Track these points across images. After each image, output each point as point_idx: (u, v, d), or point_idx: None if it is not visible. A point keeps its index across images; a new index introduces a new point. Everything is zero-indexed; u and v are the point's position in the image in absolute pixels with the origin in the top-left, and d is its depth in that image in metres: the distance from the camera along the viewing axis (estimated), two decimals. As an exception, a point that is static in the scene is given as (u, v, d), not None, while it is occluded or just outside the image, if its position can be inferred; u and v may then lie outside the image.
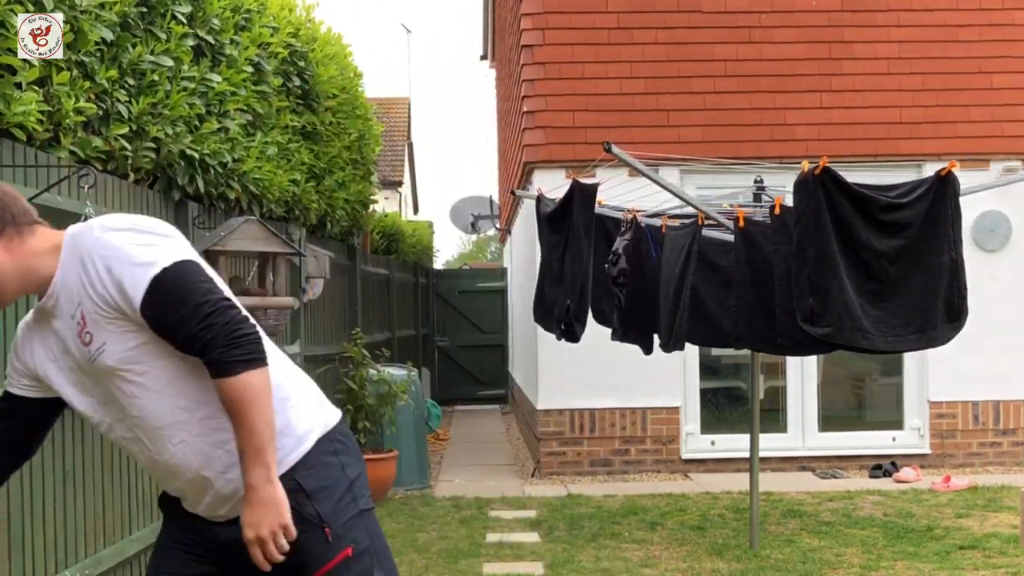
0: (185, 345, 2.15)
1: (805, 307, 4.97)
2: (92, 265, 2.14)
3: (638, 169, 5.70)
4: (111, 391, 2.23)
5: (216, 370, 2.14)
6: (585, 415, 8.60)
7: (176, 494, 2.38)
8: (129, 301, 2.13)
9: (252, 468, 2.14)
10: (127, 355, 2.19)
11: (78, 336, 2.18)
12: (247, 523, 2.16)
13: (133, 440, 2.28)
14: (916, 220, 5.08)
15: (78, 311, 2.17)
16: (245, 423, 2.14)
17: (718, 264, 5.93)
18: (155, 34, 4.63)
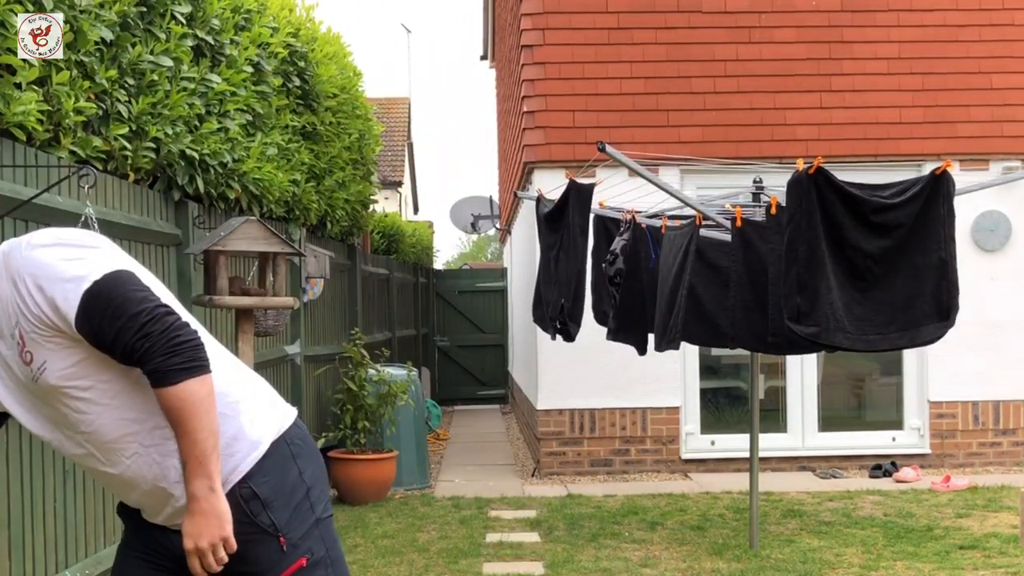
0: (124, 358, 2.08)
1: (792, 306, 4.98)
2: (24, 285, 2.07)
3: (633, 169, 5.71)
4: (59, 409, 2.15)
5: (155, 380, 2.08)
6: (585, 415, 8.60)
7: (135, 506, 2.32)
8: (64, 318, 2.06)
9: (194, 479, 2.10)
10: (69, 371, 2.11)
11: (19, 356, 2.10)
12: (187, 533, 2.13)
13: (86, 456, 2.21)
14: (907, 220, 5.09)
15: (16, 331, 2.09)
16: (187, 432, 2.09)
17: (718, 264, 5.93)
18: (155, 34, 4.63)
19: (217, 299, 4.45)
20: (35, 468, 3.72)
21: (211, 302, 4.47)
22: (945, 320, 5.17)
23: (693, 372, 8.73)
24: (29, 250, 2.09)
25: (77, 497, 4.04)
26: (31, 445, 3.70)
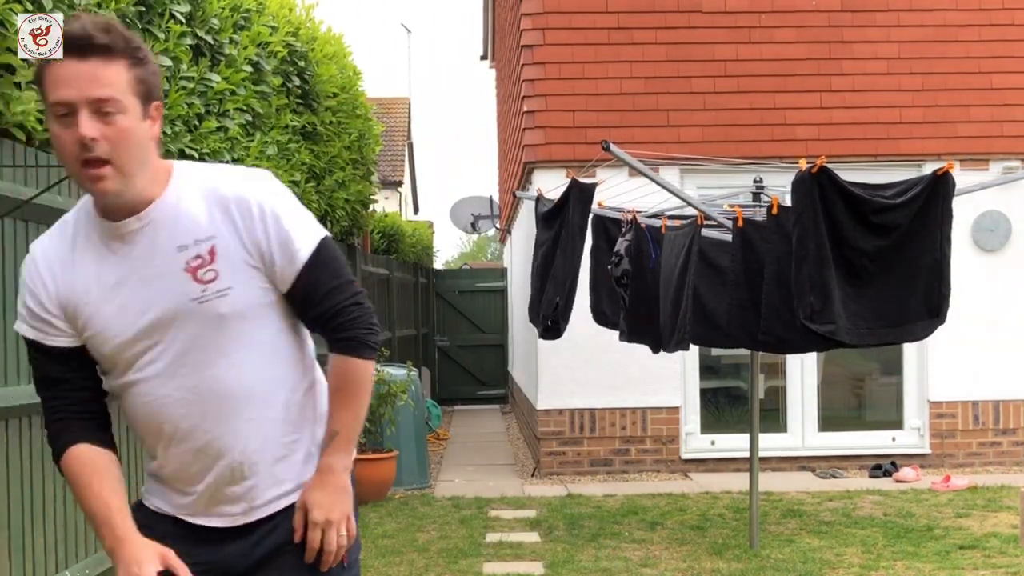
0: (324, 315, 2.07)
1: (806, 304, 4.97)
2: (255, 208, 1.99)
3: (636, 168, 5.70)
4: (198, 341, 2.00)
5: (351, 348, 2.09)
6: (585, 415, 8.60)
7: (181, 486, 2.09)
8: (289, 254, 2.01)
9: (338, 451, 2.08)
10: (249, 308, 2.02)
11: (190, 270, 1.97)
12: (318, 504, 2.06)
13: (184, 403, 2.02)
14: (905, 221, 5.10)
15: (203, 246, 1.97)
16: (351, 407, 2.10)
17: (719, 264, 5.93)
18: (153, 33, 4.63)
19: (217, 299, 4.45)
20: (35, 469, 3.72)
21: (211, 302, 4.47)
22: (935, 317, 5.19)
23: (693, 372, 8.72)
24: (259, 182, 2.06)
25: (77, 497, 4.04)
26: (31, 446, 3.70)
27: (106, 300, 2.00)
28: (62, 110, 1.87)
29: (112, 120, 1.88)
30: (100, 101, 1.87)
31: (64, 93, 1.87)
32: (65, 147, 1.89)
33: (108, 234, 2.00)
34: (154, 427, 2.06)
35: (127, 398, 2.07)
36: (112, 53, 1.88)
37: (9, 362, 3.56)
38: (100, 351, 2.03)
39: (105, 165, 1.88)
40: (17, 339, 3.61)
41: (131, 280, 1.99)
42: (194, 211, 1.99)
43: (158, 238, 1.99)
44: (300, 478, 2.11)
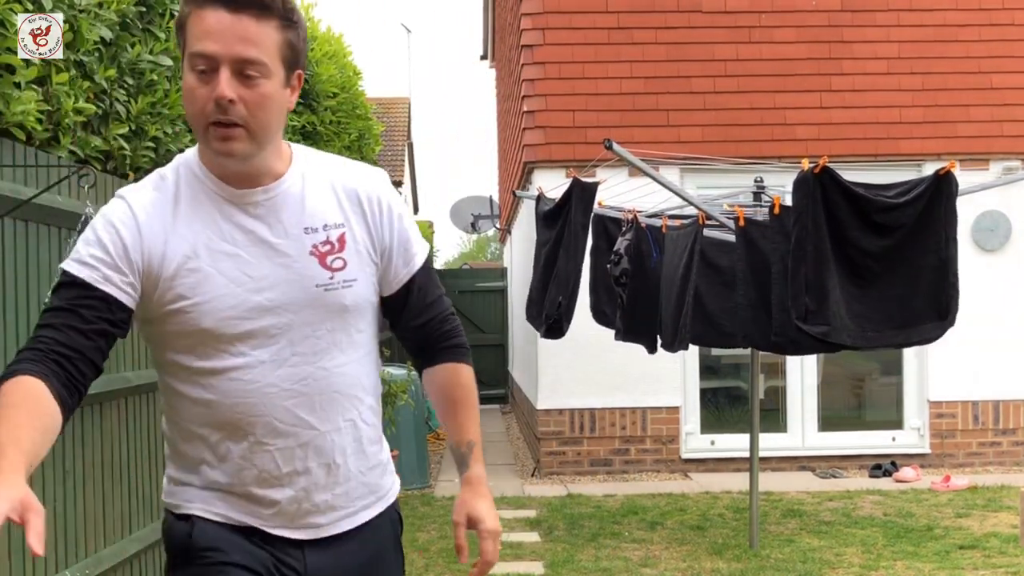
0: (430, 323, 2.02)
1: (800, 305, 4.98)
2: (385, 205, 1.93)
3: (639, 167, 5.70)
4: (316, 329, 1.87)
5: (461, 355, 2.05)
6: (585, 415, 8.60)
7: (262, 491, 1.89)
8: (408, 257, 1.96)
9: (480, 462, 2.01)
10: (365, 304, 1.93)
11: (318, 255, 1.86)
12: (487, 514, 1.97)
13: (291, 394, 1.85)
14: (909, 221, 5.09)
15: (333, 232, 1.87)
16: (475, 415, 2.05)
17: (718, 264, 5.94)
18: (154, 33, 4.63)
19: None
20: (35, 469, 3.72)
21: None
22: (944, 319, 5.17)
23: (693, 372, 8.72)
24: (386, 181, 1.99)
25: (77, 497, 4.04)
26: (31, 445, 3.70)
27: (217, 269, 1.81)
28: (202, 64, 1.73)
29: (254, 84, 1.75)
30: (246, 62, 1.73)
31: (209, 46, 1.72)
32: (196, 102, 1.75)
33: (227, 200, 1.84)
34: (244, 420, 1.84)
35: (218, 384, 1.83)
36: (267, 11, 1.75)
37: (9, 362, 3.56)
38: (196, 324, 1.81)
39: (237, 127, 1.75)
40: (17, 338, 3.61)
41: (249, 253, 1.83)
42: (323, 196, 1.89)
43: (282, 216, 1.85)
44: (379, 490, 2.01)
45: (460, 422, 2.03)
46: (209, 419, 1.85)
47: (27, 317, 3.69)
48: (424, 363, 2.06)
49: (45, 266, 3.81)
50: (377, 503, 2.00)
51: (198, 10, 1.74)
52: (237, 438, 1.85)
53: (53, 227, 3.88)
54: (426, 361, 2.06)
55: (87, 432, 4.17)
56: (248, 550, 1.89)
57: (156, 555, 4.92)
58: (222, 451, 1.87)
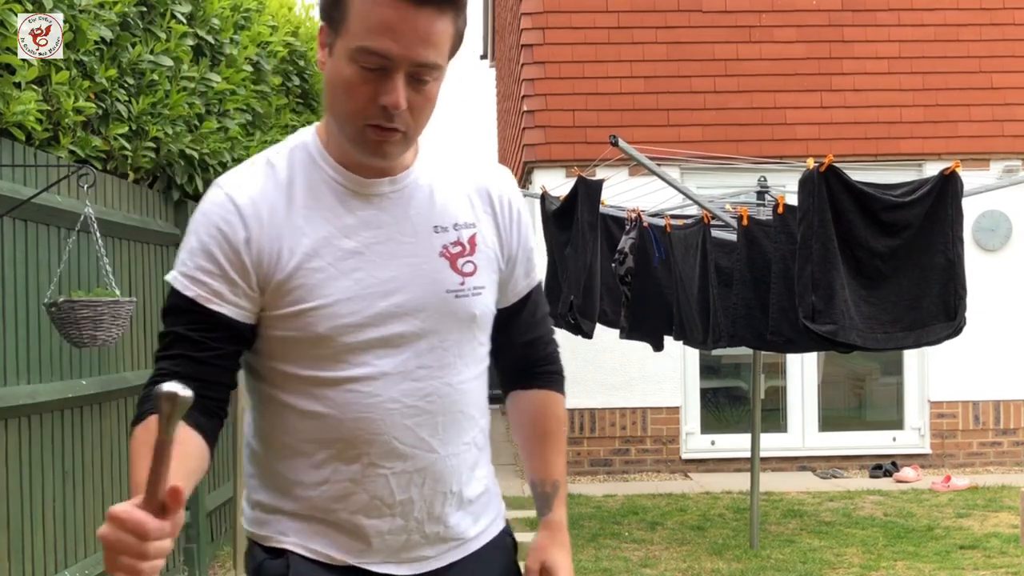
0: (536, 342, 1.84)
1: (807, 304, 4.96)
2: (516, 209, 1.75)
3: (645, 165, 5.67)
4: (443, 340, 1.66)
5: (558, 383, 1.87)
6: (585, 415, 8.59)
7: (367, 521, 1.66)
8: (529, 268, 1.79)
9: (563, 505, 1.82)
10: (489, 315, 1.73)
11: (449, 257, 1.65)
12: (564, 566, 1.79)
13: (414, 412, 1.63)
14: (916, 220, 5.07)
15: (464, 233, 1.67)
16: (563, 451, 1.86)
17: (718, 264, 5.92)
18: (155, 33, 4.63)
19: (217, 299, 4.44)
20: (35, 469, 3.71)
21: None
22: (952, 320, 5.15)
23: (693, 372, 8.72)
24: (513, 181, 1.80)
25: (76, 498, 4.04)
26: (31, 446, 3.69)
27: (339, 270, 1.59)
28: (373, 62, 1.50)
29: (423, 89, 1.54)
30: (423, 66, 1.52)
31: (387, 45, 1.49)
32: (357, 100, 1.53)
33: (350, 190, 1.62)
34: (361, 439, 1.62)
35: (334, 396, 1.61)
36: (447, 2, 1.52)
37: (9, 362, 3.56)
38: (313, 330, 1.58)
39: (396, 132, 1.55)
40: (17, 339, 3.61)
41: (374, 250, 1.61)
42: (452, 191, 1.69)
43: (410, 211, 1.64)
44: (488, 516, 1.79)
45: (548, 458, 1.84)
46: (319, 435, 1.62)
47: (27, 317, 3.68)
48: (516, 385, 1.86)
49: (45, 266, 3.81)
50: (487, 530, 1.78)
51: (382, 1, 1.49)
52: (348, 459, 1.62)
53: (53, 227, 3.88)
54: (519, 383, 1.86)
55: (87, 432, 4.17)
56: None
57: (156, 555, 4.91)
58: (327, 472, 1.63)
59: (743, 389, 8.96)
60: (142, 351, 4.78)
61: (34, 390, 3.67)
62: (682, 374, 8.63)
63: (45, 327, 3.74)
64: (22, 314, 3.64)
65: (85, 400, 4.09)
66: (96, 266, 4.07)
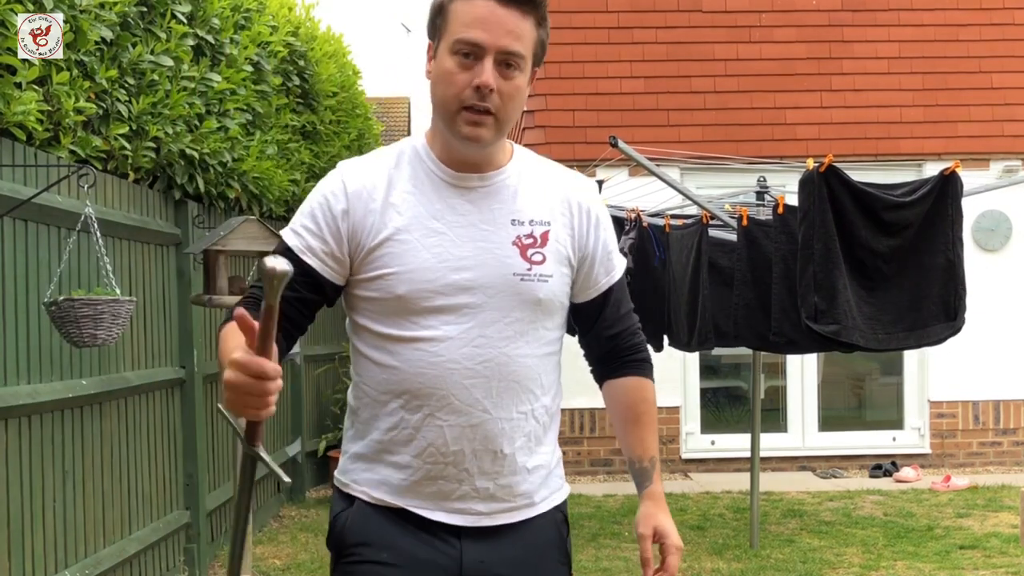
0: (622, 334, 2.10)
1: (810, 304, 4.95)
2: (596, 213, 2.03)
3: (644, 165, 5.68)
4: (505, 316, 1.91)
5: (647, 370, 2.15)
6: (585, 415, 8.59)
7: (440, 467, 1.91)
8: (609, 265, 2.04)
9: (660, 478, 2.10)
10: (556, 302, 1.98)
11: (519, 246, 1.92)
12: (671, 530, 2.10)
13: (472, 373, 1.89)
14: (916, 220, 5.07)
15: (538, 228, 1.94)
16: (655, 430, 2.16)
17: (719, 264, 5.93)
18: (155, 33, 4.63)
19: (217, 299, 4.45)
20: (35, 468, 3.72)
21: (211, 302, 4.47)
22: (952, 321, 5.15)
23: (693, 372, 8.72)
24: (595, 190, 2.09)
25: (76, 497, 4.04)
26: (31, 446, 3.70)
27: (423, 244, 1.88)
28: (467, 49, 1.82)
29: (511, 75, 1.84)
30: (510, 54, 1.83)
31: (478, 34, 1.81)
32: (455, 86, 1.83)
33: (446, 181, 1.92)
34: (423, 391, 1.88)
35: (403, 352, 1.88)
36: (531, 7, 1.85)
37: (9, 362, 3.56)
38: (393, 291, 1.87)
39: (488, 115, 1.84)
40: (17, 338, 3.61)
41: (455, 231, 1.90)
42: (535, 193, 1.96)
43: (493, 204, 1.93)
44: (544, 491, 2.01)
45: (643, 437, 2.12)
46: (389, 386, 1.91)
47: (27, 317, 3.69)
48: (608, 374, 2.13)
49: (45, 266, 3.81)
50: (541, 503, 2.00)
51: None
52: (412, 408, 1.89)
53: (53, 227, 3.88)
54: (611, 372, 2.13)
55: (87, 432, 4.17)
56: (399, 547, 1.92)
57: (156, 555, 4.92)
58: (395, 419, 1.91)
59: (743, 389, 8.96)
60: (142, 351, 4.79)
61: (34, 390, 3.67)
62: (682, 374, 8.63)
63: (45, 327, 3.74)
64: (22, 314, 3.64)
65: (85, 400, 4.09)
66: (96, 266, 4.07)
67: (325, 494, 7.63)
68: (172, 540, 5.09)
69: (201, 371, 5.39)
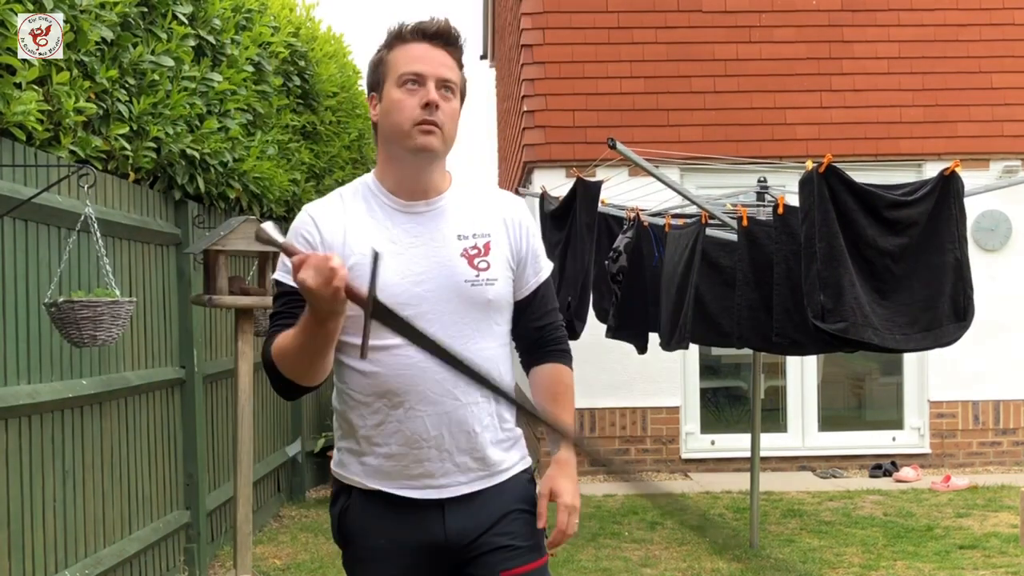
0: (545, 327, 2.41)
1: (816, 303, 4.94)
2: (526, 223, 2.37)
3: (642, 166, 5.68)
4: (463, 317, 2.25)
5: (564, 359, 2.43)
6: (585, 415, 8.59)
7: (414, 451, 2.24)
8: (537, 268, 2.38)
9: (570, 448, 2.37)
10: (503, 301, 2.31)
11: (467, 257, 2.26)
12: (567, 490, 2.31)
13: (442, 368, 2.18)
14: (920, 219, 5.06)
15: (480, 240, 2.28)
16: (571, 409, 2.45)
17: (720, 264, 5.92)
18: (156, 34, 4.63)
19: (217, 299, 4.45)
20: (35, 468, 3.72)
21: (211, 302, 4.47)
22: (962, 320, 5.14)
23: (693, 372, 8.72)
24: (523, 206, 2.43)
25: (76, 497, 4.04)
26: (31, 446, 3.70)
27: (385, 264, 2.12)
28: (412, 78, 2.22)
29: (449, 98, 2.25)
30: (446, 81, 2.24)
31: (421, 67, 2.23)
32: (405, 109, 2.22)
33: (396, 209, 2.27)
34: (402, 389, 2.20)
35: (383, 359, 2.20)
36: (454, 48, 2.28)
37: (9, 362, 3.56)
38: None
39: (437, 127, 2.22)
40: (17, 338, 3.62)
41: (410, 251, 2.23)
42: (474, 211, 2.31)
43: (440, 224, 2.27)
44: (511, 460, 2.33)
45: (558, 413, 2.39)
46: (373, 388, 2.22)
47: (27, 317, 3.69)
48: (533, 361, 2.44)
49: (44, 266, 3.81)
50: (510, 469, 2.33)
51: (403, 44, 2.26)
52: (394, 404, 2.22)
53: (53, 227, 3.88)
54: (536, 359, 2.43)
55: (87, 432, 4.17)
56: (392, 535, 2.26)
57: (156, 555, 4.92)
58: (380, 417, 2.23)
59: (743, 389, 8.97)
60: (142, 351, 4.79)
61: (34, 390, 3.67)
62: (682, 374, 8.63)
63: (45, 327, 3.75)
64: (22, 314, 3.65)
65: (85, 400, 4.09)
66: (96, 266, 4.07)
67: (325, 494, 7.63)
68: (172, 540, 5.10)
69: (201, 371, 5.39)
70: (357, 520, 2.29)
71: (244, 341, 4.61)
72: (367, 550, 2.28)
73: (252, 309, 4.70)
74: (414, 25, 2.28)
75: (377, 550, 2.27)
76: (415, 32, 2.26)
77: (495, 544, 2.27)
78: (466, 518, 2.26)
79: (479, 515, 2.27)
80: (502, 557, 2.27)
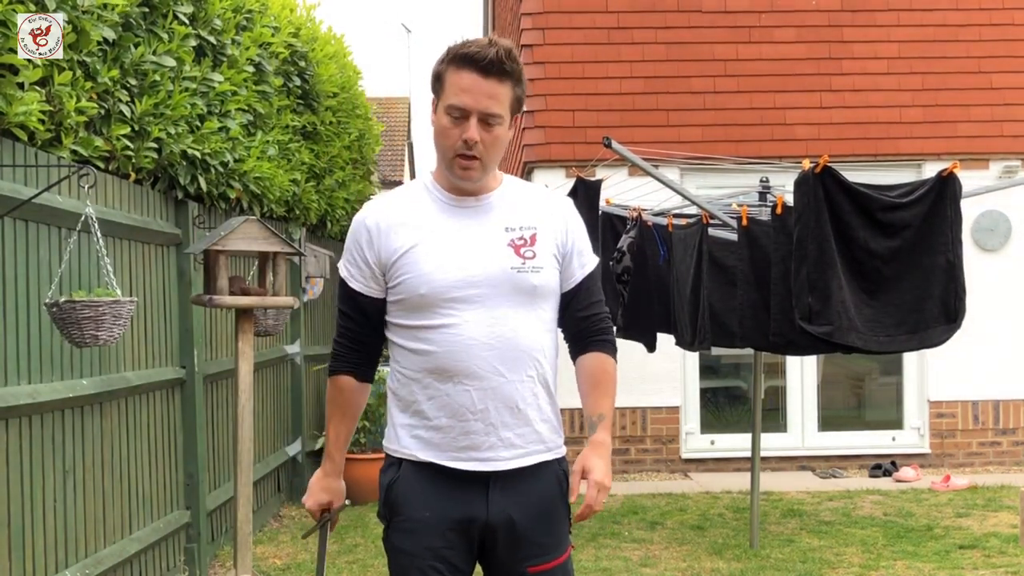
0: (590, 317, 2.56)
1: (803, 305, 4.96)
2: (572, 220, 2.54)
3: (638, 165, 5.69)
4: (509, 300, 2.42)
5: (610, 348, 2.58)
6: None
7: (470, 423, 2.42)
8: (583, 260, 2.54)
9: (607, 431, 2.50)
10: (549, 288, 2.47)
11: (514, 246, 2.43)
12: (599, 468, 2.41)
13: (488, 347, 2.40)
14: (915, 221, 5.07)
15: (527, 232, 2.46)
16: (611, 395, 2.57)
17: (724, 263, 5.93)
18: (157, 34, 4.64)
19: (217, 299, 4.45)
20: (35, 468, 3.72)
21: (211, 302, 4.47)
22: (952, 323, 5.14)
23: (693, 372, 8.72)
24: (570, 203, 2.61)
25: (77, 497, 4.05)
26: (31, 446, 3.70)
27: (437, 252, 2.40)
28: (457, 113, 2.36)
29: (491, 129, 2.38)
30: (489, 115, 2.36)
31: (465, 100, 2.35)
32: (449, 139, 2.38)
33: (450, 204, 2.46)
34: (451, 365, 2.39)
35: (433, 337, 2.40)
36: (507, 76, 2.37)
37: (9, 362, 3.56)
38: (416, 291, 2.40)
39: (476, 160, 2.38)
40: (17, 338, 3.62)
41: (461, 242, 2.42)
42: (521, 206, 2.49)
43: (489, 217, 2.46)
44: (551, 442, 2.51)
45: (597, 399, 2.54)
46: (424, 365, 2.42)
47: (27, 317, 3.69)
48: (579, 349, 2.59)
49: (45, 266, 3.81)
50: (548, 452, 2.50)
51: (457, 70, 2.36)
52: (443, 379, 2.40)
53: (53, 227, 3.88)
54: (581, 348, 2.59)
55: (87, 432, 4.17)
56: (435, 505, 2.42)
57: (156, 555, 4.92)
58: (431, 391, 2.42)
59: (743, 389, 8.97)
60: (143, 351, 4.79)
61: (34, 390, 3.68)
62: (682, 374, 8.63)
63: (45, 327, 3.75)
64: (23, 314, 3.65)
65: (85, 400, 4.10)
66: (97, 266, 4.07)
67: (325, 494, 7.62)
68: (172, 540, 5.10)
69: (201, 371, 5.39)
70: (405, 491, 2.44)
71: (244, 341, 4.61)
72: (411, 521, 2.43)
73: (252, 309, 4.70)
74: (471, 52, 2.34)
75: (419, 521, 2.42)
76: (467, 60, 2.34)
77: (527, 538, 2.42)
78: (507, 501, 2.41)
79: (519, 502, 2.42)
80: (530, 553, 2.43)
